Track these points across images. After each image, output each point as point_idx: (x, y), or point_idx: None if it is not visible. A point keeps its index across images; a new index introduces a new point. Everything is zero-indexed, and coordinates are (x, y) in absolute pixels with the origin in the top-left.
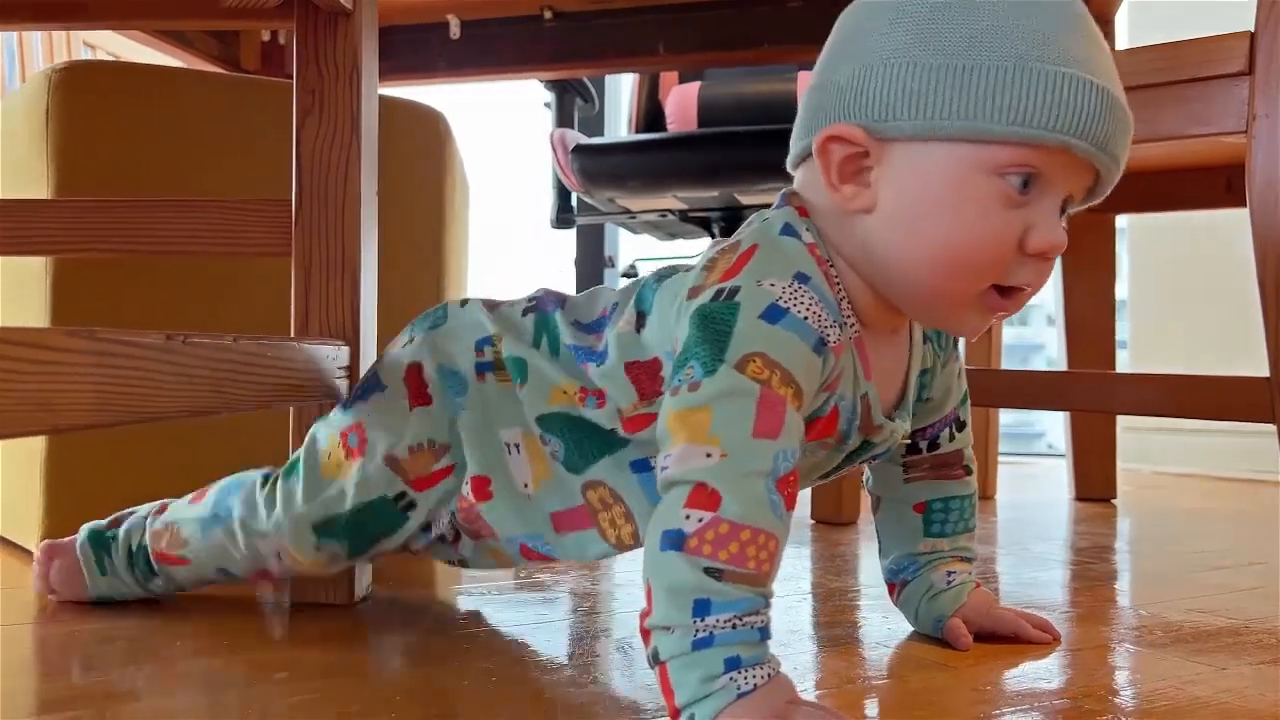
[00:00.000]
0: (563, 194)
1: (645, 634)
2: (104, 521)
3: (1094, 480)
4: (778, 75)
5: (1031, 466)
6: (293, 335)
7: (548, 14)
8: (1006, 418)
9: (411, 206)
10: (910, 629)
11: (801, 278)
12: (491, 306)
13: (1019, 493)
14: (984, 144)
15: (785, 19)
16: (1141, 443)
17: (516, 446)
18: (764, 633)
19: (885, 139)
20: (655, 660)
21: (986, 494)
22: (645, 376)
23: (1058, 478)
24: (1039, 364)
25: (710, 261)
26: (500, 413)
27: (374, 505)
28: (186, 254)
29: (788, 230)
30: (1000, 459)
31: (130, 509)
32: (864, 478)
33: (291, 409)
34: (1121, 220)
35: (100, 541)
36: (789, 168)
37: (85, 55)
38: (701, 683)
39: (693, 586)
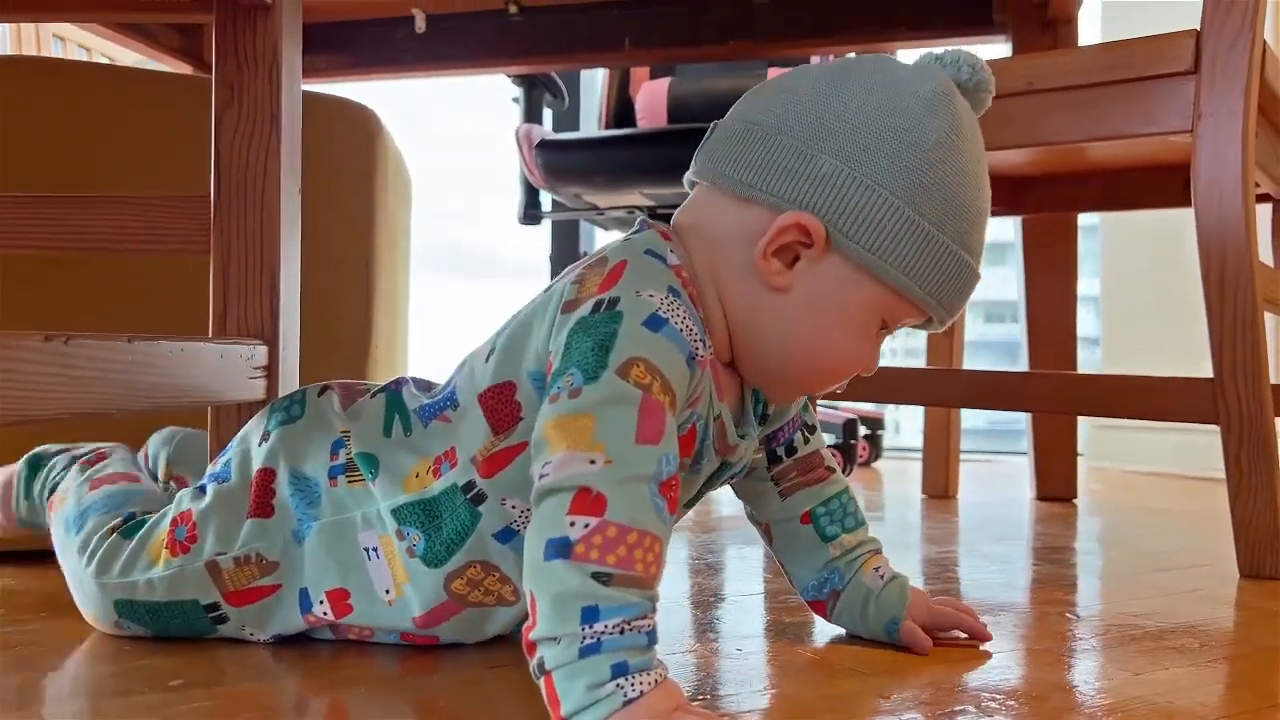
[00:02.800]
0: (530, 190)
1: (530, 646)
2: (54, 449)
3: (1055, 480)
4: (748, 72)
5: (1001, 465)
6: (210, 334)
7: (513, 8)
8: (995, 415)
9: (340, 204)
10: (843, 632)
11: (674, 291)
12: (348, 397)
13: (981, 493)
14: (898, 295)
15: (751, 15)
16: (1112, 441)
17: (375, 550)
18: (651, 637)
19: (833, 247)
20: (540, 671)
21: (948, 493)
22: (498, 403)
23: (1025, 476)
24: (1022, 363)
25: (580, 277)
26: (356, 516)
27: (183, 607)
28: (103, 250)
29: (651, 253)
30: (973, 458)
31: (77, 445)
32: (745, 510)
33: (210, 410)
34: (1094, 219)
35: (35, 465)
36: (692, 176)
37: (56, 49)
38: (588, 690)
39: (580, 593)
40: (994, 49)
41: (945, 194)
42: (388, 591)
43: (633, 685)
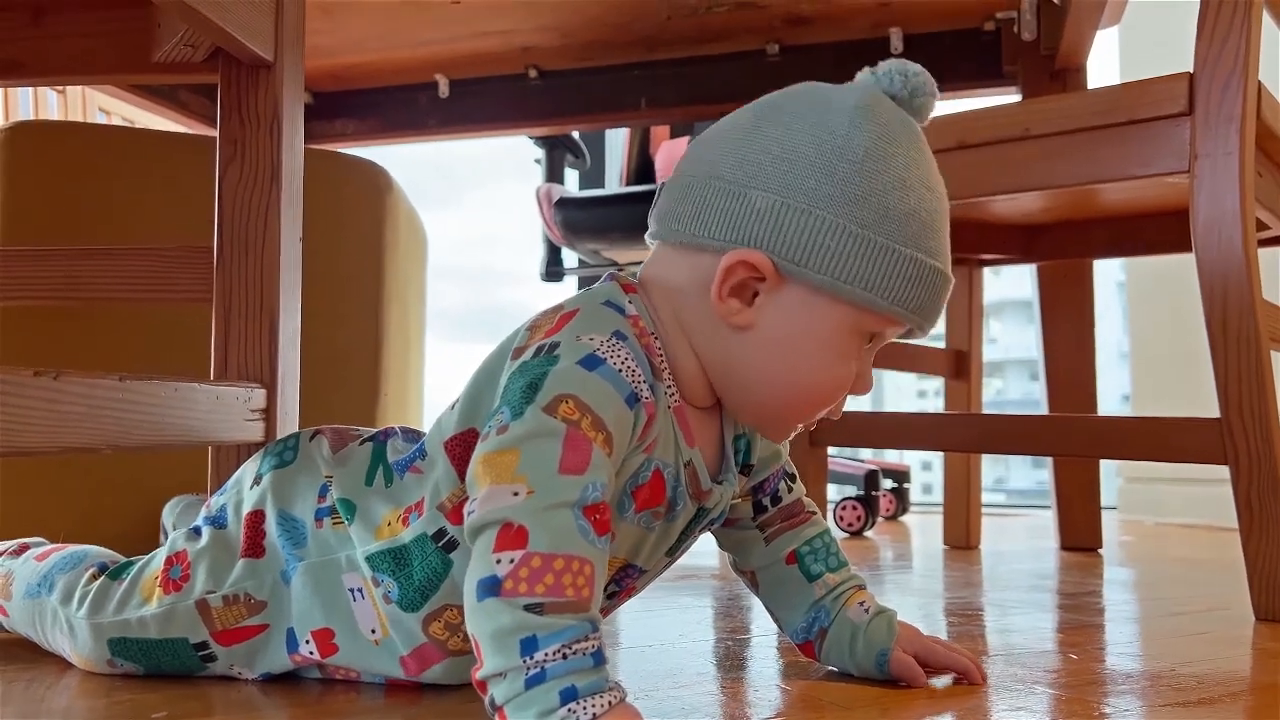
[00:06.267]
0: (552, 248)
1: (480, 686)
2: None
3: (1079, 529)
4: None
5: (1030, 518)
6: (212, 378)
7: (533, 72)
8: (1042, 474)
9: (349, 257)
10: (835, 671)
11: (619, 336)
12: (339, 442)
13: (1004, 543)
14: (864, 311)
15: (764, 72)
16: (1145, 493)
17: (360, 591)
18: (597, 658)
19: (786, 276)
20: (493, 708)
21: (969, 544)
22: (463, 450)
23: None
24: None
25: (534, 325)
26: (341, 558)
27: (174, 644)
28: (111, 300)
29: (610, 304)
30: (1006, 512)
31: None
32: (730, 561)
33: (210, 449)
34: (1120, 273)
35: None
36: (649, 237)
37: (100, 119)
38: (539, 718)
39: (516, 627)
40: (1006, 100)
41: (886, 202)
42: (374, 631)
43: (585, 709)
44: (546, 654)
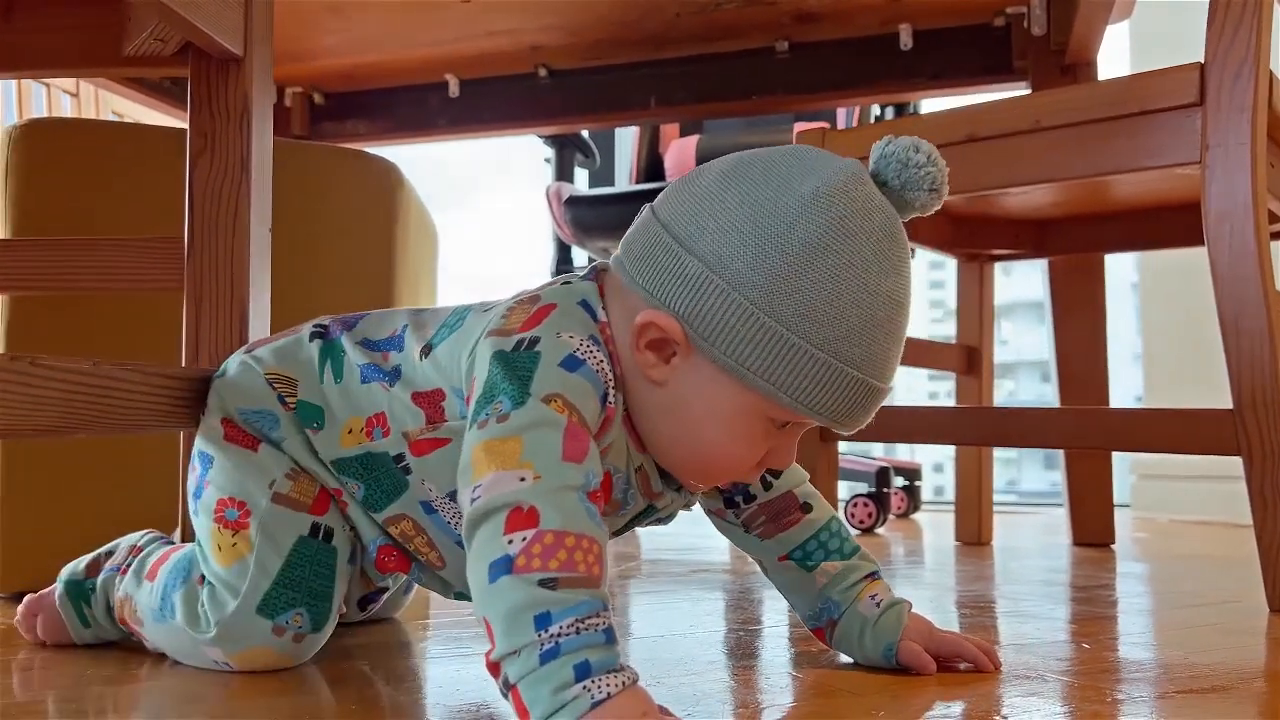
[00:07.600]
0: (563, 246)
1: (493, 668)
2: (82, 567)
3: (1092, 525)
4: (774, 126)
5: (1044, 515)
6: (183, 366)
7: (542, 71)
8: (1057, 476)
9: (360, 253)
10: (848, 659)
11: (595, 340)
12: (273, 343)
13: (1016, 539)
14: (770, 401)
15: (773, 70)
16: (1158, 490)
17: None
18: (608, 635)
19: (695, 347)
20: (506, 688)
21: (981, 540)
22: (428, 405)
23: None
24: None
25: (509, 310)
26: (308, 441)
27: (297, 552)
28: (87, 290)
29: (585, 305)
30: (1018, 510)
31: (112, 545)
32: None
33: (182, 435)
34: (1133, 273)
35: (79, 593)
36: (612, 260)
37: (112, 119)
38: (554, 694)
39: (530, 603)
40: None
41: (810, 300)
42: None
43: (600, 687)
44: (560, 627)
